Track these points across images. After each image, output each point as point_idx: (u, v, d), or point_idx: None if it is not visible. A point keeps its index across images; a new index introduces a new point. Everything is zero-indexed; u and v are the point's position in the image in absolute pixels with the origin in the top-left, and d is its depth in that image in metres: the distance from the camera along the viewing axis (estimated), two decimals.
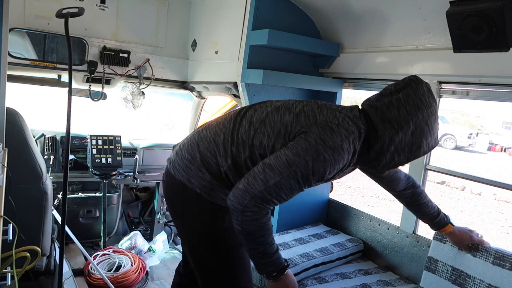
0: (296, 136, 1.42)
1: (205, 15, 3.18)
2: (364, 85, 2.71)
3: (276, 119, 1.49)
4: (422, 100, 1.40)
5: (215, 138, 1.54)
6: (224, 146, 1.51)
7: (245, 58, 2.54)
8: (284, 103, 1.56)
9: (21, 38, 2.80)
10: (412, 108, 1.39)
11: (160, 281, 3.02)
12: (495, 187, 3.81)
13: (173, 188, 1.62)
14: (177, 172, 1.58)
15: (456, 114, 21.82)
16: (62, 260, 2.08)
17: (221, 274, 1.62)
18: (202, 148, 1.54)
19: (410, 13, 2.16)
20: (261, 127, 1.48)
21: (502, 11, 1.60)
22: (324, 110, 1.47)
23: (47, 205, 2.12)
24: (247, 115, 1.56)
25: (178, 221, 1.70)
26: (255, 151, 1.47)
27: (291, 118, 1.46)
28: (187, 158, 1.56)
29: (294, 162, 1.34)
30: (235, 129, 1.52)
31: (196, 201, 1.54)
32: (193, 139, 1.61)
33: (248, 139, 1.48)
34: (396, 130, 1.40)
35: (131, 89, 3.25)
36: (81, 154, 3.37)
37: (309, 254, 2.32)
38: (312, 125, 1.40)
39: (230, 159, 1.49)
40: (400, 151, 1.42)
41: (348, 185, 9.02)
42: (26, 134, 2.05)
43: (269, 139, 1.46)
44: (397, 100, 1.40)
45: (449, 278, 1.99)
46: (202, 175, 1.52)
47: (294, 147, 1.37)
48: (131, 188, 3.89)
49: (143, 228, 3.78)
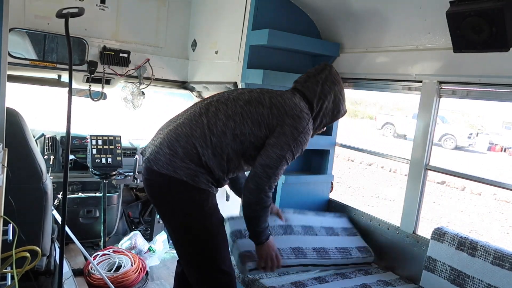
0: (274, 128, 1.81)
1: (205, 15, 3.18)
2: (364, 85, 2.71)
3: (252, 111, 1.83)
4: (335, 78, 1.97)
5: (192, 133, 1.79)
6: (203, 138, 1.77)
7: (245, 58, 2.54)
8: (249, 96, 1.88)
9: (21, 38, 2.81)
10: (331, 83, 1.95)
11: (160, 281, 3.02)
12: (495, 187, 3.82)
13: (160, 182, 1.79)
14: (161, 167, 1.76)
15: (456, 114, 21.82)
16: (62, 260, 2.08)
17: (210, 251, 1.85)
18: (183, 143, 1.77)
19: (410, 13, 2.16)
20: (241, 119, 1.81)
21: (502, 11, 1.60)
22: (286, 100, 1.87)
23: (47, 205, 2.12)
24: (220, 110, 1.84)
25: (166, 211, 1.89)
26: (236, 139, 1.80)
27: (266, 111, 1.83)
28: (169, 153, 1.77)
29: (282, 154, 1.79)
30: (210, 123, 1.80)
31: (184, 187, 1.76)
32: (170, 137, 1.81)
33: (228, 130, 1.79)
34: (323, 100, 1.94)
35: (131, 89, 3.25)
36: (81, 154, 3.37)
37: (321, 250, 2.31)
38: (284, 116, 1.82)
39: (210, 149, 1.77)
40: (326, 114, 1.97)
41: (348, 185, 9.03)
42: (26, 134, 2.05)
43: (250, 128, 1.81)
44: (320, 79, 1.94)
45: (448, 277, 1.99)
46: (186, 165, 1.75)
47: (277, 143, 1.79)
48: (131, 188, 3.88)
49: (143, 228, 3.78)
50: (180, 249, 1.92)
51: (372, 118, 22.24)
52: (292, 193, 2.75)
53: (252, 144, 1.83)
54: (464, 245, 1.98)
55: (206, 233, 1.83)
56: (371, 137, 16.18)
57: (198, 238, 1.83)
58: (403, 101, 22.83)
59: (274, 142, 1.80)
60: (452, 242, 2.02)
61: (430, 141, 2.28)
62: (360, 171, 10.83)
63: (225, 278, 1.87)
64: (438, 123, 3.30)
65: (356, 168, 11.16)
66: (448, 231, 2.10)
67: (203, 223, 1.82)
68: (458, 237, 2.02)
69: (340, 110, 2.01)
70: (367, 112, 24.55)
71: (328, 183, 2.91)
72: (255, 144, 1.83)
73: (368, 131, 17.79)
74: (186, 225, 1.83)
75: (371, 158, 11.45)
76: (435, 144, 2.48)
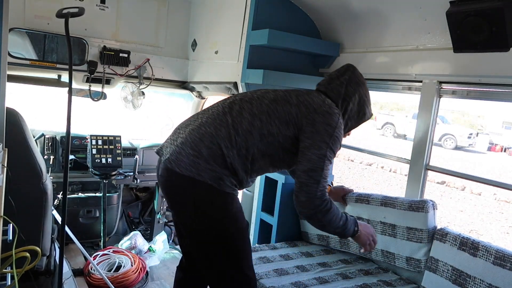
0: (303, 128, 1.72)
1: (205, 15, 3.18)
2: None
3: (279, 110, 1.74)
4: (359, 79, 1.89)
5: (217, 132, 1.69)
6: (229, 138, 1.68)
7: (245, 58, 2.54)
8: (275, 95, 1.81)
9: (21, 38, 2.81)
10: (355, 84, 1.86)
11: (160, 281, 3.02)
12: (495, 187, 3.82)
13: (182, 184, 1.69)
14: (184, 169, 1.66)
15: (456, 114, 21.82)
16: (62, 260, 2.07)
17: (235, 256, 1.76)
18: (207, 143, 1.68)
19: (410, 13, 2.16)
20: (267, 118, 1.72)
21: (502, 11, 1.60)
22: (313, 98, 1.79)
23: (47, 205, 2.12)
24: (244, 108, 1.75)
25: (187, 214, 1.75)
26: (264, 139, 1.71)
27: (294, 109, 1.74)
28: (193, 154, 1.67)
29: (322, 153, 1.68)
30: (235, 122, 1.71)
31: (209, 191, 1.66)
32: (193, 136, 1.71)
33: (254, 129, 1.71)
34: (348, 102, 1.85)
35: (131, 89, 3.25)
36: (81, 154, 3.37)
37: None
38: (313, 114, 1.73)
39: (235, 150, 1.68)
40: (351, 117, 1.89)
41: (348, 185, 9.02)
42: (26, 134, 2.04)
43: (277, 128, 1.72)
44: (344, 81, 1.86)
45: (449, 278, 1.99)
46: (211, 167, 1.65)
47: (313, 143, 1.69)
48: (131, 188, 3.89)
49: (143, 228, 3.78)
50: (202, 253, 1.80)
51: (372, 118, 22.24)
52: (292, 193, 2.74)
53: (281, 145, 1.74)
54: (465, 245, 1.98)
55: (232, 237, 1.74)
56: (371, 137, 16.17)
57: (224, 243, 1.74)
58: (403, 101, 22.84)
59: (310, 143, 1.69)
60: (454, 242, 2.02)
61: (430, 141, 2.28)
62: (360, 171, 10.83)
63: (248, 282, 1.80)
64: (438, 123, 3.30)
65: (356, 168, 11.16)
66: (450, 231, 2.10)
67: (228, 227, 1.73)
68: (460, 237, 2.02)
69: (366, 113, 1.92)
70: None
71: (328, 183, 2.90)
72: (284, 145, 1.74)
73: (368, 131, 17.79)
74: (211, 229, 1.73)
75: (371, 158, 11.45)
76: (435, 144, 2.48)
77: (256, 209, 2.90)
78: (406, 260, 2.23)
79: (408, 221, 2.20)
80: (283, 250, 2.57)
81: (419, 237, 2.17)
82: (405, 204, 2.23)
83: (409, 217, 2.19)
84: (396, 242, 2.27)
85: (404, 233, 2.23)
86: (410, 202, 2.21)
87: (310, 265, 2.39)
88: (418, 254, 2.18)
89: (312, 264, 2.42)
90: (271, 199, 2.78)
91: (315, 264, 2.42)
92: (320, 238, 2.69)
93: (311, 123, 1.71)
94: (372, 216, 2.38)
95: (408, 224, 2.21)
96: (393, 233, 2.28)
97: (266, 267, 2.31)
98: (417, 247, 2.18)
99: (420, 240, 2.17)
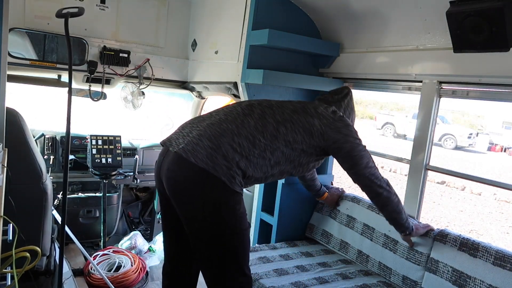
0: (330, 136, 1.91)
1: (205, 15, 3.18)
2: (364, 85, 2.71)
3: (302, 120, 1.88)
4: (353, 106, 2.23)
5: (239, 131, 1.74)
6: (250, 139, 1.74)
7: (245, 58, 2.53)
8: (293, 106, 1.94)
9: (21, 38, 2.81)
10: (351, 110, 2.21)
11: (160, 281, 3.01)
12: (495, 187, 3.81)
13: (193, 175, 1.67)
14: (201, 160, 1.65)
15: (456, 114, 21.80)
16: (62, 260, 2.07)
17: (236, 254, 1.78)
18: (228, 139, 1.70)
19: (410, 13, 2.16)
20: (292, 126, 1.84)
21: (502, 11, 1.60)
22: (327, 109, 1.99)
23: (47, 205, 2.12)
24: (266, 113, 1.84)
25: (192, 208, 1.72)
26: (288, 145, 1.82)
27: (316, 121, 1.90)
28: (211, 147, 1.67)
29: (361, 148, 1.96)
30: (258, 125, 1.79)
31: (221, 188, 1.66)
32: (213, 131, 1.73)
33: (279, 135, 1.80)
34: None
35: (131, 89, 3.25)
36: (81, 154, 3.37)
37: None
38: (334, 122, 1.94)
39: (257, 150, 1.74)
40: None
41: (349, 185, 9.02)
42: (26, 134, 2.04)
43: (302, 136, 1.85)
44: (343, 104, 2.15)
45: (449, 279, 1.99)
46: (227, 163, 1.67)
47: (350, 147, 1.93)
48: (131, 188, 3.89)
49: (143, 228, 3.78)
50: (203, 249, 1.81)
51: (372, 118, 22.23)
52: (292, 193, 2.75)
53: (304, 151, 1.88)
54: (466, 246, 1.98)
55: (236, 236, 1.76)
56: (371, 137, 16.17)
57: (227, 241, 1.75)
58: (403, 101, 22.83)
59: (349, 146, 1.92)
60: (454, 243, 2.02)
61: (430, 141, 2.28)
62: None
63: (246, 280, 1.83)
64: (438, 123, 3.30)
65: None
66: (450, 232, 2.10)
67: (234, 226, 1.74)
68: (460, 238, 2.02)
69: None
70: (367, 112, 24.54)
71: (328, 183, 2.91)
72: (306, 151, 1.89)
73: (368, 131, 17.78)
74: (216, 226, 1.73)
75: None
76: (435, 144, 2.48)
77: (256, 209, 2.90)
78: (402, 279, 2.22)
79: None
80: (283, 250, 2.57)
81: (418, 259, 2.16)
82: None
83: (414, 238, 2.18)
84: (394, 258, 2.27)
85: (405, 251, 2.23)
86: (417, 224, 2.21)
87: (310, 265, 2.39)
88: (414, 275, 2.17)
89: (312, 264, 2.42)
90: (271, 199, 2.78)
91: (315, 264, 2.43)
92: (323, 234, 2.70)
93: (337, 131, 1.92)
94: (378, 227, 2.40)
95: None
96: (394, 248, 2.28)
97: (266, 267, 2.31)
98: (415, 268, 2.17)
99: (419, 262, 2.16)
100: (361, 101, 25.68)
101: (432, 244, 2.13)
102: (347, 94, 2.20)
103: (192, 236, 1.81)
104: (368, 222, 2.46)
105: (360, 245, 2.48)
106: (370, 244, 2.42)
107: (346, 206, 2.65)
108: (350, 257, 2.53)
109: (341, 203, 2.69)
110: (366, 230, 2.46)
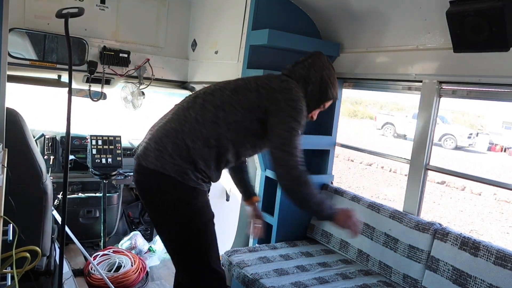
0: (267, 108, 1.78)
1: (205, 15, 3.18)
2: (364, 85, 2.72)
3: (240, 99, 1.80)
4: (324, 64, 1.94)
5: (182, 128, 1.76)
6: (193, 132, 1.74)
7: (245, 58, 2.54)
8: (235, 85, 1.88)
9: (21, 38, 2.81)
10: (317, 68, 1.92)
11: (160, 281, 3.02)
12: (495, 187, 3.82)
13: (148, 179, 1.78)
14: (150, 163, 1.74)
15: (456, 114, 21.80)
16: (62, 260, 2.07)
17: (198, 249, 1.81)
18: (172, 138, 1.75)
19: (410, 13, 2.16)
20: (230, 108, 1.78)
21: (502, 11, 1.60)
22: (271, 79, 1.88)
23: (47, 205, 2.11)
24: (207, 101, 1.82)
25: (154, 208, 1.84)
26: (230, 127, 1.77)
27: (254, 94, 1.81)
28: (158, 149, 1.75)
29: (289, 126, 1.74)
30: (199, 115, 1.78)
31: (173, 184, 1.73)
32: (159, 133, 1.80)
33: (219, 120, 1.76)
34: (308, 83, 1.90)
35: (131, 89, 3.25)
36: (81, 154, 3.37)
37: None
38: (274, 93, 1.80)
39: (200, 142, 1.74)
40: (312, 99, 1.91)
41: (349, 185, 9.02)
42: (26, 134, 2.04)
43: (242, 114, 1.78)
44: (306, 64, 1.93)
45: (450, 277, 1.99)
46: (174, 161, 1.72)
47: (279, 120, 1.75)
48: (131, 188, 3.88)
49: (143, 228, 3.78)
50: (169, 248, 1.89)
51: (372, 118, 22.24)
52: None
53: (249, 130, 1.80)
54: (466, 245, 1.98)
55: (194, 231, 1.79)
56: (371, 137, 16.17)
57: (186, 236, 1.80)
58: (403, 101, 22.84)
59: (276, 120, 1.76)
60: (455, 242, 2.02)
61: (430, 141, 2.28)
62: (360, 171, 10.82)
63: (214, 275, 1.84)
64: (438, 123, 3.31)
65: (356, 168, 11.16)
66: (451, 231, 2.10)
67: (190, 221, 1.78)
68: (461, 237, 2.02)
69: (328, 94, 1.94)
70: (367, 112, 24.54)
71: (328, 183, 2.91)
72: (252, 130, 1.80)
73: (368, 131, 17.78)
74: (174, 222, 1.80)
75: (371, 158, 11.44)
76: (435, 144, 2.48)
77: None
78: (403, 277, 2.22)
79: (412, 239, 2.21)
80: (283, 250, 2.57)
81: (419, 257, 2.16)
82: (412, 222, 2.23)
83: (414, 235, 2.19)
84: (395, 257, 2.27)
85: (406, 250, 2.23)
86: (417, 221, 2.22)
87: (310, 265, 2.39)
88: (415, 274, 2.17)
89: (312, 264, 2.42)
90: (271, 199, 2.78)
91: (315, 264, 2.43)
92: (323, 234, 2.69)
93: (274, 102, 1.79)
94: (378, 226, 2.40)
95: (411, 242, 2.21)
96: (395, 247, 2.28)
97: (266, 267, 2.31)
98: (416, 267, 2.17)
99: (419, 260, 2.16)
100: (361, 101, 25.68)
101: (433, 242, 2.13)
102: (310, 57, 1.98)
103: (162, 238, 1.91)
104: (368, 221, 2.45)
105: (360, 245, 2.48)
106: (370, 243, 2.42)
107: (345, 205, 2.64)
108: (350, 257, 2.53)
109: (341, 203, 2.66)
110: (366, 229, 2.46)
